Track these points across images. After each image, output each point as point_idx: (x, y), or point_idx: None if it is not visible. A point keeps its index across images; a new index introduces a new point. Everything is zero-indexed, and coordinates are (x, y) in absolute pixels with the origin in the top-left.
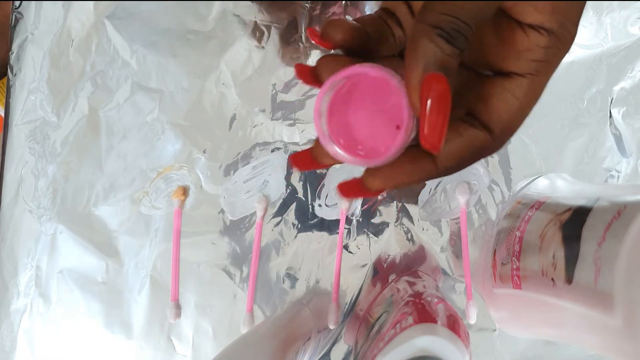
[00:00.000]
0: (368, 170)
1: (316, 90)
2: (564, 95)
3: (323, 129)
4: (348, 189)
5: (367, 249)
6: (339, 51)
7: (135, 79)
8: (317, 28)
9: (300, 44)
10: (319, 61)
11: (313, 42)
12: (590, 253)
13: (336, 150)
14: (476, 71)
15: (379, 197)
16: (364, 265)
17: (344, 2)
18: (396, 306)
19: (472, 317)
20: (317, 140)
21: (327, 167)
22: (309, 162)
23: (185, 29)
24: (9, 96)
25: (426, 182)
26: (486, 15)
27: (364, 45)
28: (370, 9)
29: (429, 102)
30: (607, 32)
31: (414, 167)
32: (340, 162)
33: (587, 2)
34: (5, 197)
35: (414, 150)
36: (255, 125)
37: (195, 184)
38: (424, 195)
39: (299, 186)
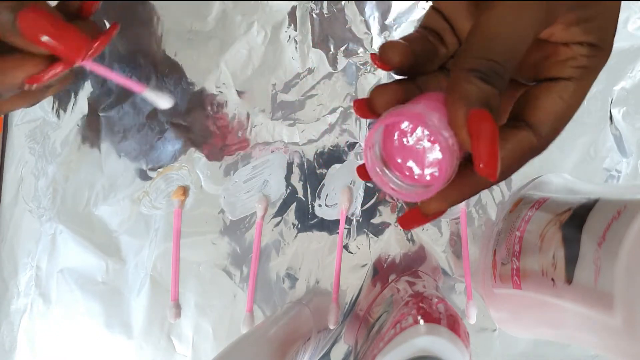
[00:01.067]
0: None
1: (316, 90)
2: None
3: (378, 169)
4: (410, 221)
5: (367, 249)
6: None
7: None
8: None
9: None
10: (372, 93)
11: (375, 65)
12: (590, 253)
13: (398, 184)
14: (520, 82)
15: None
16: (364, 265)
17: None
18: (396, 306)
19: (472, 317)
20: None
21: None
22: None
23: (185, 29)
24: None
25: None
26: (519, 53)
27: (415, 64)
28: (370, 8)
29: (479, 140)
30: None
31: (466, 183)
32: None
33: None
34: (5, 197)
35: (462, 166)
36: (255, 125)
37: (195, 184)
38: None
39: (299, 186)
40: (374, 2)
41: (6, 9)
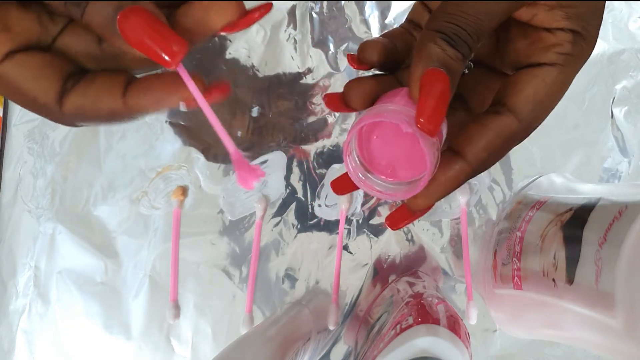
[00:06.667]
0: None
1: (315, 89)
2: (565, 94)
3: (361, 175)
4: (398, 220)
5: (367, 249)
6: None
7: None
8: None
9: None
10: (347, 86)
11: (352, 67)
12: (592, 253)
13: (383, 185)
14: (503, 72)
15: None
16: (364, 266)
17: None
18: (396, 307)
19: (472, 318)
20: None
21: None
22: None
23: None
24: None
25: None
26: (488, 23)
27: (397, 59)
28: (369, 7)
29: (426, 94)
30: (609, 31)
31: (449, 174)
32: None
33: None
34: (4, 197)
35: (443, 158)
36: (254, 125)
37: (194, 184)
38: None
39: (298, 186)
40: (373, 1)
41: (108, 6)
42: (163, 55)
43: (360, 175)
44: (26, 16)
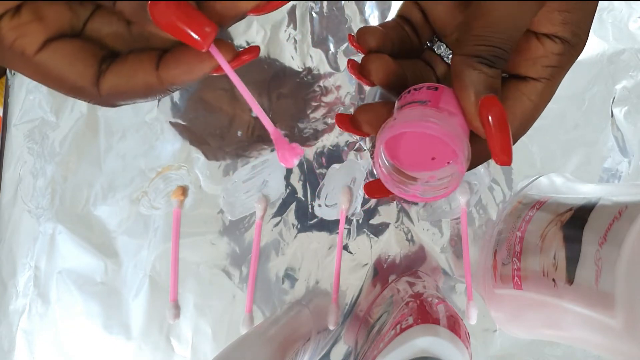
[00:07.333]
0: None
1: (315, 89)
2: (565, 94)
3: (399, 183)
4: (375, 190)
5: (367, 249)
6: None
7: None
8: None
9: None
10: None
11: (352, 47)
12: (592, 253)
13: (420, 188)
14: None
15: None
16: (364, 266)
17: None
18: (396, 307)
19: (472, 318)
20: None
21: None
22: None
23: None
24: (7, 96)
25: None
26: (519, 36)
27: (391, 49)
28: (369, 7)
29: (492, 126)
30: (609, 31)
31: None
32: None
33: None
34: (4, 197)
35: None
36: (255, 125)
37: (194, 184)
38: None
39: (298, 186)
40: (373, 1)
41: None
42: (195, 37)
43: (399, 184)
44: (56, 3)
